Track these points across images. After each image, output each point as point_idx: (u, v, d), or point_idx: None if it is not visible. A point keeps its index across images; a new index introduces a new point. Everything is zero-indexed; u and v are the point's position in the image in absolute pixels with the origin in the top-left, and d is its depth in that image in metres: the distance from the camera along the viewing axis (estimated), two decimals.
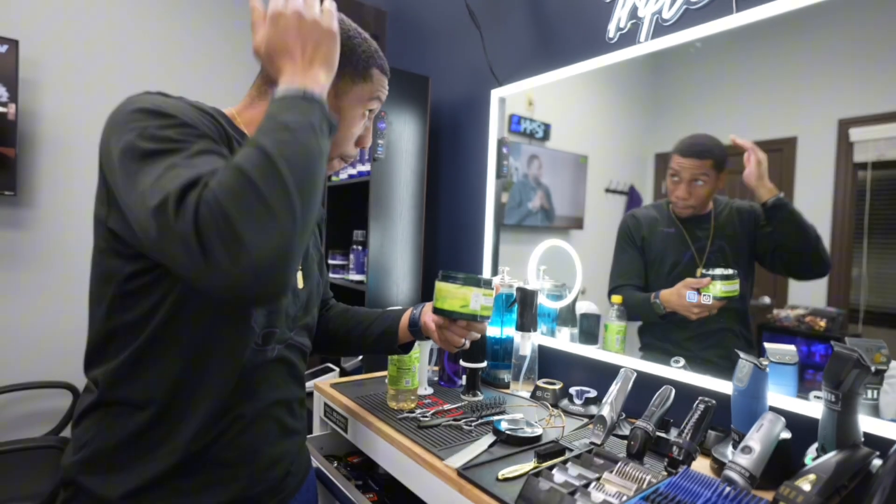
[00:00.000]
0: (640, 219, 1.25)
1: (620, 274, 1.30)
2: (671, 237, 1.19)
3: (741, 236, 1.09)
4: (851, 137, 0.94)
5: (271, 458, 0.76)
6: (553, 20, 1.52)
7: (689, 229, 1.15)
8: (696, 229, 1.15)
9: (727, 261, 1.10)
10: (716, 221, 1.12)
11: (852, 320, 0.93)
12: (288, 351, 0.79)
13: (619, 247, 1.31)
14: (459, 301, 0.87)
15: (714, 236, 1.12)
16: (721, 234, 1.12)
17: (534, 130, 1.60)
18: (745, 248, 1.09)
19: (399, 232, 1.84)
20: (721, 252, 1.11)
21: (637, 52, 1.24)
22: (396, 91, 1.80)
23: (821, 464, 0.73)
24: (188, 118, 0.61)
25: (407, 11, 2.25)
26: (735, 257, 1.10)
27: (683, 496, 0.72)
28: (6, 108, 2.15)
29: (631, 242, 1.27)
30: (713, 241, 1.12)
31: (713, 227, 1.12)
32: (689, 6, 1.15)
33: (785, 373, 0.95)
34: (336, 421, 1.30)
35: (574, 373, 1.43)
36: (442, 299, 0.89)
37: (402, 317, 1.01)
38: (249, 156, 0.54)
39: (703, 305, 1.11)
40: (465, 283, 0.88)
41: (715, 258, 1.12)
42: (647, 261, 1.24)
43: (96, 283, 0.69)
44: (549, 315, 1.50)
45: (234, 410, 0.71)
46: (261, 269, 0.51)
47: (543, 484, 0.77)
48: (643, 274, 1.25)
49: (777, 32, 1.02)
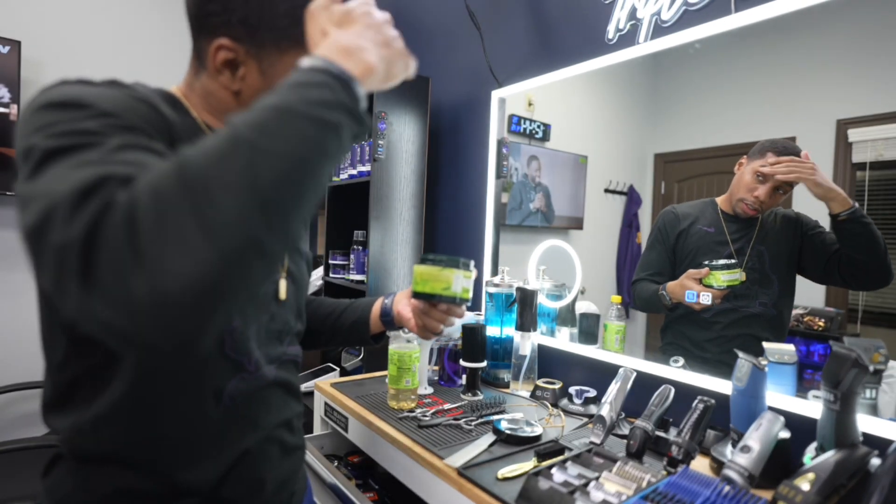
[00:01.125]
0: (679, 215, 1.21)
1: (643, 267, 1.28)
2: (709, 236, 1.16)
3: (783, 244, 1.07)
4: (850, 138, 0.94)
5: (277, 482, 0.69)
6: (553, 21, 1.53)
7: (732, 230, 1.12)
8: (739, 231, 1.12)
9: (764, 266, 1.08)
10: (761, 226, 1.09)
11: (851, 320, 0.94)
12: (283, 369, 0.70)
13: (650, 240, 1.28)
14: (442, 283, 0.83)
15: (756, 240, 1.09)
16: (763, 239, 1.09)
17: (533, 131, 1.61)
18: (785, 256, 1.06)
19: (399, 232, 1.85)
20: (760, 257, 1.09)
21: (636, 53, 1.25)
22: (396, 91, 1.80)
23: (820, 463, 0.73)
24: (110, 106, 0.46)
25: (407, 12, 2.25)
26: (774, 264, 1.08)
27: (683, 495, 0.72)
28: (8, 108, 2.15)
29: (662, 239, 1.24)
30: (754, 245, 1.09)
31: (757, 230, 1.09)
32: (688, 7, 1.15)
33: (784, 372, 0.95)
34: (336, 420, 1.30)
35: (574, 372, 1.43)
36: (423, 282, 0.84)
37: (374, 306, 0.95)
38: (212, 143, 0.39)
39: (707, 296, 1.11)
40: (447, 266, 0.83)
41: (752, 263, 1.09)
42: (678, 258, 1.21)
43: (46, 327, 0.57)
44: (549, 315, 1.51)
45: (239, 446, 0.63)
46: (164, 306, 0.35)
47: (543, 483, 0.77)
48: (669, 271, 1.22)
49: (775, 33, 1.02)
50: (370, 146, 1.80)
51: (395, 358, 1.18)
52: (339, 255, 2.04)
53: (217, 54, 0.59)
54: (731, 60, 1.11)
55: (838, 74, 0.96)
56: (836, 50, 0.96)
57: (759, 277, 1.08)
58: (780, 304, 1.06)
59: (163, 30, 2.58)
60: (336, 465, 1.32)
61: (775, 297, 1.07)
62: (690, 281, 1.13)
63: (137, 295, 0.35)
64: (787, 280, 1.06)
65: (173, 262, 0.35)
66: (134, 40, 2.53)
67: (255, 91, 0.61)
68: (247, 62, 0.60)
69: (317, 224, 3.03)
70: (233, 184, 0.37)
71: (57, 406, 0.58)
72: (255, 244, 0.38)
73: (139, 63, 2.54)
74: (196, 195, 0.36)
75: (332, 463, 1.29)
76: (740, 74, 1.10)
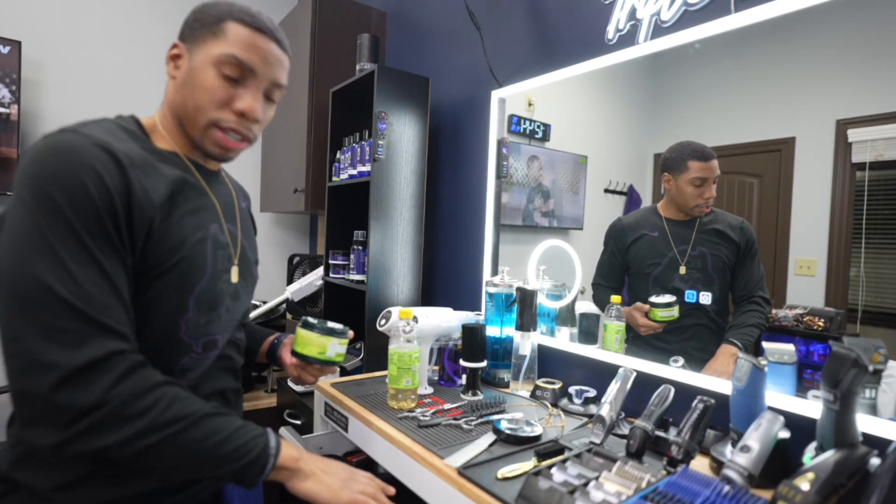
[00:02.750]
0: (626, 227, 1.33)
1: (599, 271, 1.41)
2: (653, 241, 1.25)
3: (722, 248, 1.15)
4: (850, 138, 0.94)
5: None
6: (552, 21, 1.53)
7: (674, 232, 1.21)
8: (681, 233, 1.21)
9: (706, 266, 1.16)
10: (700, 227, 1.17)
11: (850, 320, 0.94)
12: (228, 349, 0.85)
13: (603, 249, 1.40)
14: (318, 348, 0.96)
15: (696, 241, 1.18)
16: (704, 241, 1.17)
17: (533, 131, 1.61)
18: (724, 258, 1.15)
19: (399, 232, 1.85)
20: (702, 257, 1.17)
21: (636, 54, 1.25)
22: (396, 92, 1.80)
23: (819, 463, 0.73)
24: (79, 197, 0.63)
25: (407, 12, 2.25)
26: (715, 263, 1.16)
27: (682, 495, 0.72)
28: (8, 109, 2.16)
29: (613, 250, 1.36)
30: (694, 245, 1.18)
31: (696, 231, 1.18)
32: (687, 7, 1.15)
33: (783, 372, 0.96)
34: (336, 420, 1.31)
35: (573, 372, 1.43)
36: (302, 345, 0.96)
37: (265, 342, 1.08)
38: (181, 427, 0.66)
39: (650, 326, 1.25)
40: (325, 334, 0.96)
41: (695, 262, 1.18)
42: (630, 263, 1.32)
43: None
44: (549, 315, 1.51)
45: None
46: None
47: (543, 483, 0.77)
48: (621, 277, 1.34)
49: (775, 33, 1.02)
50: (370, 146, 1.80)
51: (394, 358, 1.18)
52: (340, 255, 2.04)
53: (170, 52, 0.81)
54: (731, 60, 1.11)
55: (838, 74, 0.96)
56: (835, 50, 0.96)
57: (702, 277, 1.17)
58: (721, 303, 1.15)
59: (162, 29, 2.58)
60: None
61: (717, 295, 1.15)
62: (637, 312, 1.27)
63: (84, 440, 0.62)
64: (726, 281, 1.15)
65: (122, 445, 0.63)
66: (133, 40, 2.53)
67: (183, 75, 0.79)
68: (183, 55, 0.79)
69: (317, 224, 3.03)
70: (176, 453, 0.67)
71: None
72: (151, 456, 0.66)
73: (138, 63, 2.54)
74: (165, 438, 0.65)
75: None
76: (740, 74, 1.10)
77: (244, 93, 0.79)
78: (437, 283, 2.01)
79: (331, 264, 2.06)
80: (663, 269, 1.23)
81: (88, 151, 0.65)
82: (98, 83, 2.44)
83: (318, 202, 2.27)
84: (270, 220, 2.99)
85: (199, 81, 0.77)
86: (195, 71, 0.77)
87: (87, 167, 0.64)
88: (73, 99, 2.37)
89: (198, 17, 0.79)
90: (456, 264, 1.91)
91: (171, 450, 0.65)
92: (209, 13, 0.78)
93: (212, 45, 0.77)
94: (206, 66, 0.77)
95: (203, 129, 0.79)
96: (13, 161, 2.16)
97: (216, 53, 0.76)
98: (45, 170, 0.63)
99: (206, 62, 0.77)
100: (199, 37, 0.78)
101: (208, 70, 0.77)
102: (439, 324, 1.38)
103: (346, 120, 2.09)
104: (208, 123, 0.78)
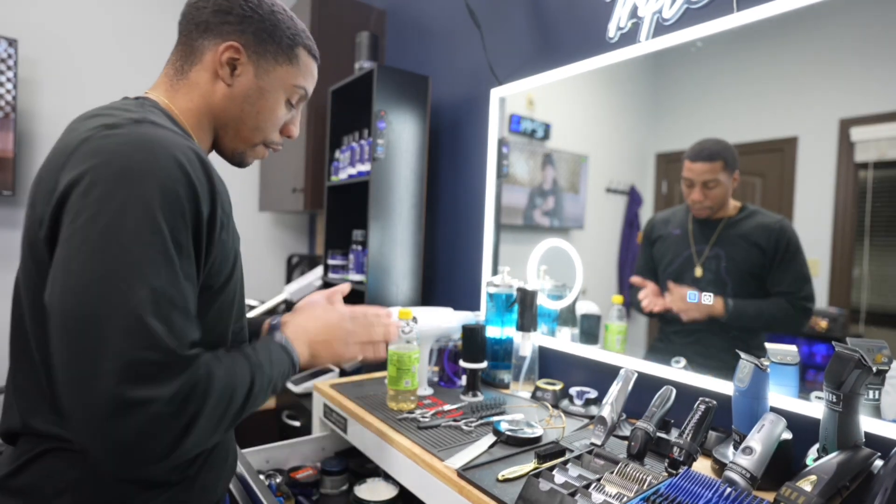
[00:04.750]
0: (657, 222, 1.29)
1: (637, 271, 1.35)
2: (675, 238, 1.22)
3: (744, 251, 1.10)
4: (853, 137, 0.93)
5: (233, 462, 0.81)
6: (553, 20, 1.52)
7: (696, 231, 1.18)
8: (702, 233, 1.17)
9: (719, 269, 1.13)
10: (723, 229, 1.13)
11: (854, 320, 0.93)
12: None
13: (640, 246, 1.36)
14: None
15: (714, 243, 1.14)
16: (723, 242, 1.13)
17: (534, 130, 1.60)
18: (744, 262, 1.10)
19: (399, 232, 1.84)
20: (716, 258, 1.14)
21: (638, 52, 1.24)
22: (396, 91, 1.80)
23: (822, 464, 0.73)
24: (172, 198, 0.55)
25: (406, 11, 2.25)
26: (730, 266, 1.11)
27: (684, 497, 0.72)
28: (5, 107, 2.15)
29: (645, 245, 1.31)
30: (712, 246, 1.14)
31: (718, 233, 1.14)
32: (689, 5, 1.15)
33: (786, 373, 0.95)
34: (335, 422, 1.30)
35: (574, 373, 1.43)
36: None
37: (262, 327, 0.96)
38: (239, 386, 0.62)
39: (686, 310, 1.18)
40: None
41: (709, 262, 1.15)
42: (655, 261, 1.28)
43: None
44: (550, 315, 1.50)
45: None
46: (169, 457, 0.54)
47: (543, 485, 0.77)
48: (653, 271, 1.29)
49: (778, 31, 1.02)
50: (370, 145, 1.79)
51: (394, 359, 1.18)
52: (339, 255, 2.03)
53: (225, 52, 0.71)
54: (733, 59, 1.10)
55: (841, 73, 0.95)
56: (838, 48, 0.96)
57: (714, 279, 1.13)
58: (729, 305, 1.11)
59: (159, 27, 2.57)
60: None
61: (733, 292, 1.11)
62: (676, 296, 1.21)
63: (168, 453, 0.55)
64: (743, 286, 1.10)
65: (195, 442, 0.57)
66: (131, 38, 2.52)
67: (244, 88, 0.73)
68: (245, 65, 0.73)
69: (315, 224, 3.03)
70: (238, 413, 0.63)
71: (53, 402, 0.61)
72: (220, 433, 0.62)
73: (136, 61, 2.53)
74: (227, 413, 0.60)
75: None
76: (742, 73, 1.10)
77: (296, 116, 0.82)
78: (436, 283, 2.01)
79: (329, 264, 2.05)
80: (677, 268, 1.20)
81: (178, 148, 0.59)
82: (95, 82, 2.43)
83: (317, 202, 2.27)
84: (269, 219, 2.98)
85: (269, 105, 0.75)
86: (265, 93, 0.74)
87: (178, 167, 0.57)
88: (70, 97, 2.36)
89: (267, 28, 0.72)
90: (456, 264, 1.90)
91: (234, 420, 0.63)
92: (283, 31, 0.74)
93: (286, 70, 0.75)
94: (278, 91, 0.75)
95: (252, 146, 0.78)
96: (10, 160, 2.15)
97: (292, 84, 0.76)
98: (137, 167, 0.55)
99: (280, 88, 0.75)
100: (272, 56, 0.73)
101: (280, 96, 0.76)
102: (439, 324, 1.38)
103: (346, 119, 2.08)
104: (261, 142, 0.79)
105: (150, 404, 0.50)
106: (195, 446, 0.57)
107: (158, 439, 0.52)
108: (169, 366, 0.52)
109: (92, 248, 0.52)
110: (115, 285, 0.51)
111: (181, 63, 0.73)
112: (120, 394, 0.49)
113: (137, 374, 0.50)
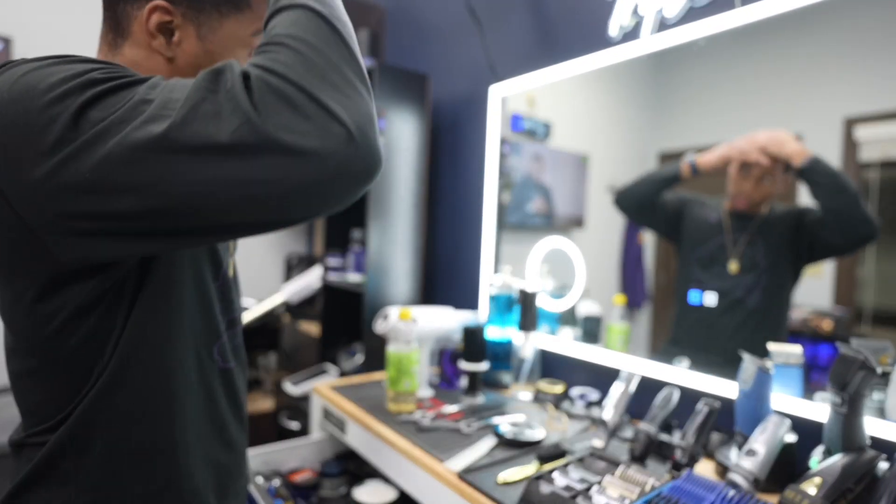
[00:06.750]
0: (688, 199, 1.24)
1: (630, 191, 1.30)
2: (710, 222, 1.18)
3: (783, 240, 1.08)
4: (857, 136, 0.93)
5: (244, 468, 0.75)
6: (554, 18, 1.51)
7: (734, 221, 1.14)
8: (740, 223, 1.13)
9: (756, 259, 1.09)
10: (763, 224, 1.10)
11: (858, 321, 0.92)
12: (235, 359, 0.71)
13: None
14: None
15: (755, 234, 1.10)
16: (765, 232, 1.09)
17: (535, 129, 1.59)
18: (784, 251, 1.07)
19: (398, 231, 1.83)
20: (753, 246, 1.10)
21: (639, 50, 1.23)
22: (395, 89, 1.79)
23: (826, 467, 0.72)
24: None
25: (406, 8, 2.24)
26: (768, 258, 1.08)
27: (687, 500, 0.71)
28: None
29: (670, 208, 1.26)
30: (751, 239, 1.10)
31: (758, 227, 1.10)
32: (692, 3, 1.14)
33: (790, 374, 0.94)
34: (335, 423, 1.29)
35: (576, 374, 1.42)
36: None
37: None
38: (296, 22, 0.46)
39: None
40: None
41: (747, 252, 1.10)
42: (680, 233, 1.24)
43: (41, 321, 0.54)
44: (551, 316, 1.49)
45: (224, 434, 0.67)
46: (365, 134, 0.45)
47: (545, 488, 0.76)
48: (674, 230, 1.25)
49: (781, 29, 1.01)
50: None
51: (393, 360, 1.17)
52: (337, 255, 2.02)
53: (150, 16, 0.55)
54: (736, 57, 1.10)
55: (845, 71, 0.94)
56: (842, 45, 0.95)
57: (750, 266, 1.10)
58: (771, 297, 1.08)
59: None
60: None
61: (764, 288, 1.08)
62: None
63: (345, 132, 0.44)
64: (785, 276, 1.06)
65: (354, 105, 0.45)
66: None
67: (190, 57, 0.58)
68: (183, 27, 0.57)
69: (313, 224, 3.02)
70: (341, 42, 0.48)
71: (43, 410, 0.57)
72: (364, 81, 0.49)
73: None
74: (327, 57, 0.46)
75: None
76: (745, 71, 1.09)
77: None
78: (436, 283, 2.00)
79: (328, 264, 2.04)
80: (708, 253, 1.16)
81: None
82: None
83: None
84: None
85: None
86: (217, 57, 0.58)
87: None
88: None
89: None
90: (456, 264, 1.90)
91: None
92: None
93: (237, 21, 0.59)
94: (234, 49, 0.59)
95: None
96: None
97: (248, 35, 0.60)
98: None
99: (235, 45, 0.59)
100: (213, 8, 0.57)
101: (238, 54, 0.60)
102: (439, 325, 1.37)
103: None
104: None
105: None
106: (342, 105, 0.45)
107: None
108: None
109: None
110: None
111: (112, 35, 0.58)
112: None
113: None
